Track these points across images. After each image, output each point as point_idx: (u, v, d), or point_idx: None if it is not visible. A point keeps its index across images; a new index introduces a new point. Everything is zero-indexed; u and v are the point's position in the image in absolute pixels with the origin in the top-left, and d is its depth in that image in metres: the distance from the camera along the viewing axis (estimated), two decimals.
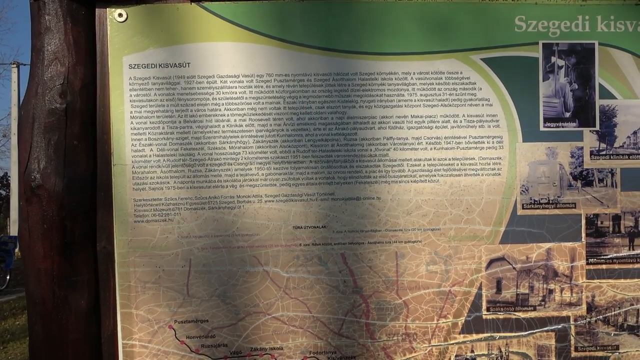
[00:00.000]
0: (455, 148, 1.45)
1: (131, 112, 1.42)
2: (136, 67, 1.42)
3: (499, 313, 1.46)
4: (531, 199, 1.46)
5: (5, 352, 5.49)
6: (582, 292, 1.48)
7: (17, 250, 11.35)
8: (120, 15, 1.42)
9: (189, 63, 1.43)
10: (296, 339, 1.44)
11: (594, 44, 1.48)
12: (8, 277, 9.59)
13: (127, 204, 1.42)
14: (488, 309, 1.46)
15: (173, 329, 1.43)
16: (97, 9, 1.43)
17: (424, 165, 1.45)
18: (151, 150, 1.42)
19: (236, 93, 1.43)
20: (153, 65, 1.43)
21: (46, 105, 1.37)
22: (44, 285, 1.37)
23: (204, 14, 1.43)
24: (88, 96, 1.42)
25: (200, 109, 1.43)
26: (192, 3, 1.43)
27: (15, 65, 18.58)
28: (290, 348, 1.44)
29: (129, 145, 1.42)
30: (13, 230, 17.50)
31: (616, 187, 1.48)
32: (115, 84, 1.42)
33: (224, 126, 1.43)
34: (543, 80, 1.47)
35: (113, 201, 1.42)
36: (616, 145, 1.48)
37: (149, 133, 1.43)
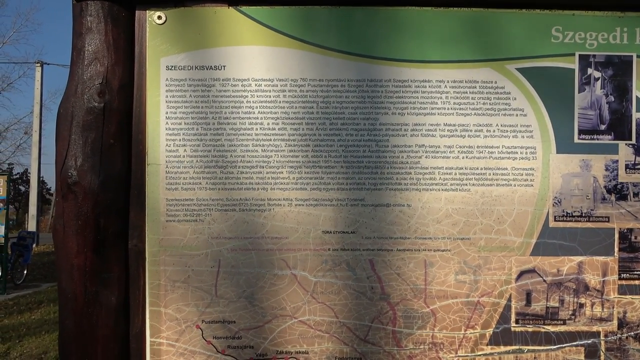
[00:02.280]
0: (488, 157, 1.45)
1: (166, 113, 1.44)
2: (173, 68, 1.45)
3: (528, 326, 1.44)
4: (564, 211, 1.44)
5: (21, 345, 5.58)
6: (613, 307, 1.45)
7: (34, 245, 11.54)
8: (159, 17, 1.45)
9: (224, 66, 1.45)
10: (322, 343, 1.44)
11: (632, 56, 1.46)
12: (25, 272, 9.76)
13: (160, 203, 1.44)
14: (517, 321, 1.44)
15: (200, 328, 1.44)
16: (136, 11, 1.46)
17: (456, 173, 1.44)
18: (185, 150, 1.44)
19: (270, 96, 1.44)
20: (189, 67, 1.45)
21: (85, 103, 1.40)
22: (76, 280, 1.39)
23: (241, 18, 1.45)
24: (125, 96, 1.44)
25: (234, 112, 1.44)
26: (230, 7, 1.45)
27: (39, 65, 18.97)
28: (316, 352, 1.44)
29: (163, 145, 1.44)
30: (31, 225, 17.80)
31: None
32: (152, 84, 1.45)
33: (257, 129, 1.44)
34: (579, 92, 1.46)
35: (146, 200, 1.44)
36: None
37: (183, 134, 1.44)
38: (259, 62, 1.45)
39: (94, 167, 1.40)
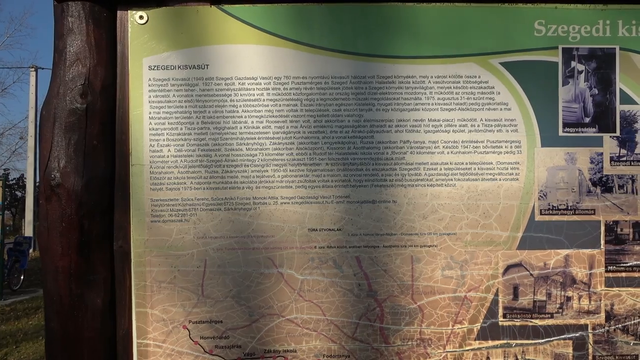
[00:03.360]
0: (473, 152, 1.44)
1: (150, 113, 1.44)
2: (156, 68, 1.44)
3: (515, 320, 1.44)
4: (549, 205, 1.44)
5: (18, 351, 5.56)
6: (600, 300, 1.45)
7: (31, 251, 11.50)
8: (141, 17, 1.44)
9: (207, 65, 1.44)
10: (310, 341, 1.43)
11: (614, 48, 1.46)
12: (22, 278, 9.72)
13: (144, 203, 1.43)
14: (504, 316, 1.44)
15: (187, 329, 1.43)
16: (118, 12, 1.45)
17: (441, 169, 1.44)
18: (169, 150, 1.44)
19: (254, 95, 1.44)
20: (172, 67, 1.44)
21: (67, 105, 1.39)
22: (61, 283, 1.39)
23: (223, 17, 1.44)
24: (108, 97, 1.43)
25: (218, 111, 1.44)
26: (212, 5, 1.44)
27: (33, 69, 18.92)
28: (304, 351, 1.43)
29: (147, 145, 1.44)
30: (28, 231, 17.74)
31: (636, 193, 1.45)
32: (135, 85, 1.44)
33: (241, 128, 1.44)
34: (562, 85, 1.46)
35: (130, 201, 1.44)
36: (637, 151, 1.46)
37: (167, 134, 1.44)
38: (242, 61, 1.44)
39: (77, 168, 1.39)
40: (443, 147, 1.44)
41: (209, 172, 1.44)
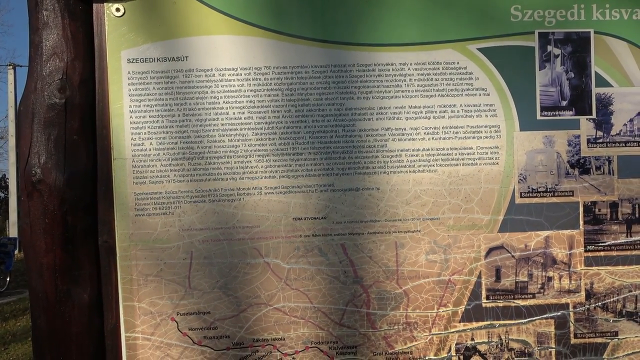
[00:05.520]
0: (453, 138, 1.46)
1: (130, 107, 1.43)
2: (134, 61, 1.43)
3: (498, 301, 1.47)
4: (529, 188, 1.47)
5: (6, 353, 5.51)
6: (580, 279, 1.49)
7: (16, 252, 11.35)
8: (117, 9, 1.43)
9: (187, 57, 1.44)
10: (298, 329, 1.45)
11: (589, 32, 1.48)
12: (8, 279, 9.60)
13: (128, 197, 1.43)
14: (488, 297, 1.47)
15: (175, 321, 1.43)
16: (94, 4, 1.43)
17: (422, 155, 1.46)
18: (151, 144, 1.43)
19: (234, 86, 1.44)
20: (151, 60, 1.43)
21: (45, 100, 1.38)
22: (47, 279, 1.38)
23: (201, 7, 1.43)
24: (87, 91, 1.42)
25: (199, 102, 1.44)
26: None
27: (11, 67, 18.56)
28: (292, 339, 1.45)
29: (128, 139, 1.43)
30: (12, 232, 17.49)
31: (613, 174, 1.49)
32: (114, 78, 1.43)
33: (222, 119, 1.44)
34: (539, 69, 1.48)
35: (114, 195, 1.43)
36: (613, 133, 1.49)
37: (148, 127, 1.43)
38: (221, 52, 1.44)
39: (58, 164, 1.38)
40: (424, 133, 1.46)
41: (192, 165, 1.44)
